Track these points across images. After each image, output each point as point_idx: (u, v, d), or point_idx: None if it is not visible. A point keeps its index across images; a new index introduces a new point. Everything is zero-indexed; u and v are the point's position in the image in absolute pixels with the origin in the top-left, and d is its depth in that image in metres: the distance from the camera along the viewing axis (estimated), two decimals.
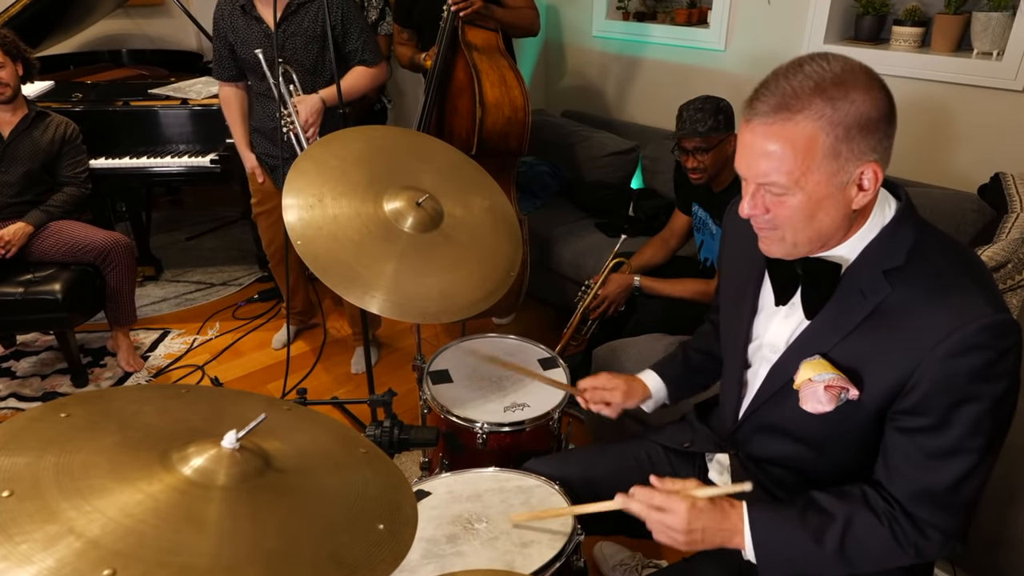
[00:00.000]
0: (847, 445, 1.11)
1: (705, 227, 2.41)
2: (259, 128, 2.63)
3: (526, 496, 1.39)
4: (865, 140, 0.96)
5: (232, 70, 2.55)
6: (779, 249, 1.08)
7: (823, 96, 0.95)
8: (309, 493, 0.88)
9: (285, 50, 2.40)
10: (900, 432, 1.03)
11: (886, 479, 1.06)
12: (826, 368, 1.06)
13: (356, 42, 2.46)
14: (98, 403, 0.92)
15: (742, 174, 1.04)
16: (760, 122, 0.98)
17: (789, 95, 0.96)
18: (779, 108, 0.96)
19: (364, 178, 1.65)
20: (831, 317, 1.08)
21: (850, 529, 1.06)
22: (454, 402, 1.71)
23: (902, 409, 1.02)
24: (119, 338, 2.97)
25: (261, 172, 2.68)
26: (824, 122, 0.95)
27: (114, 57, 4.07)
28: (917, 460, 1.02)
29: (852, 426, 1.08)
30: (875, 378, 1.03)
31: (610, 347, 2.24)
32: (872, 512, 1.06)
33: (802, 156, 0.96)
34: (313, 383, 2.92)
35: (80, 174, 2.89)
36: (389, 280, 1.51)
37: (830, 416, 1.07)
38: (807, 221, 1.01)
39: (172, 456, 0.83)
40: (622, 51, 3.68)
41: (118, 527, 0.72)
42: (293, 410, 1.07)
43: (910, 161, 2.60)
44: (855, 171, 0.98)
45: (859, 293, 1.05)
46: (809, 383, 1.07)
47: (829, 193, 0.99)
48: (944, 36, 2.52)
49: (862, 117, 0.95)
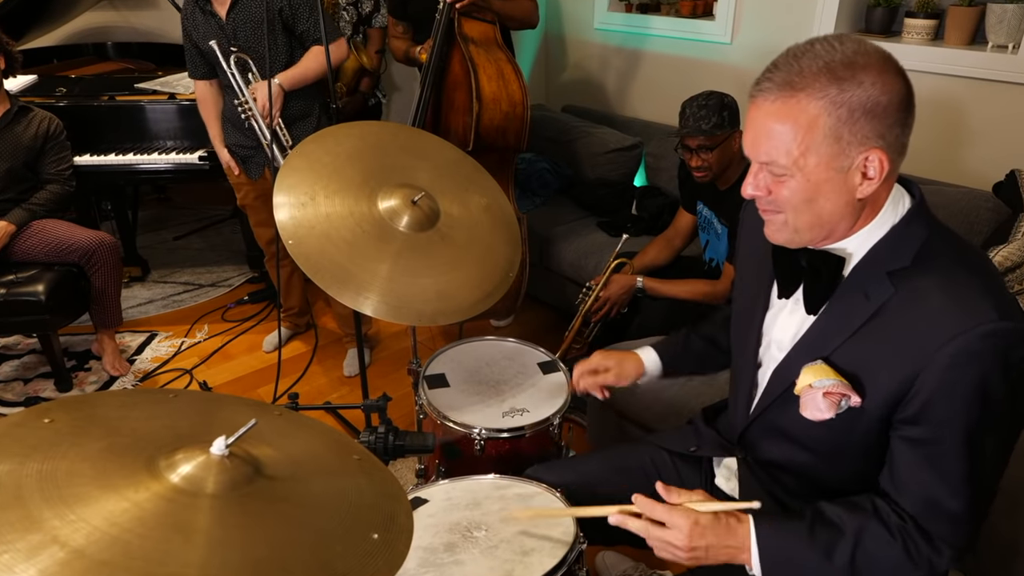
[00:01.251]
0: (856, 452, 1.11)
1: (710, 226, 2.41)
2: (229, 119, 2.70)
3: (526, 504, 1.39)
4: (871, 125, 0.96)
5: (203, 67, 2.63)
6: (782, 235, 1.08)
7: (830, 76, 0.95)
8: (301, 501, 0.88)
9: (238, 39, 2.48)
10: (905, 442, 1.03)
11: (894, 491, 1.06)
12: (827, 374, 1.06)
13: (307, 22, 2.51)
14: (83, 408, 0.92)
15: (746, 153, 1.05)
16: (763, 99, 1.00)
17: (795, 73, 0.97)
18: (784, 86, 0.97)
19: (358, 175, 1.65)
20: (835, 317, 1.08)
21: (861, 544, 1.05)
22: (451, 407, 1.71)
23: (905, 418, 1.02)
24: (104, 341, 2.97)
25: (235, 164, 2.75)
26: (827, 101, 0.95)
27: (99, 50, 4.07)
28: (924, 472, 1.02)
29: (857, 433, 1.08)
30: (877, 384, 1.03)
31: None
32: (884, 526, 1.05)
33: (802, 135, 0.97)
34: (305, 387, 2.92)
35: (64, 171, 2.89)
36: (384, 281, 1.51)
37: (833, 423, 1.06)
38: (807, 204, 1.02)
39: (159, 463, 0.83)
40: (625, 44, 3.69)
41: (103, 536, 0.72)
42: (284, 415, 1.07)
43: (922, 158, 2.60)
44: (858, 156, 0.98)
45: (862, 293, 1.05)
46: (809, 389, 1.07)
47: (828, 177, 0.99)
48: (958, 28, 2.53)
49: (869, 100, 0.95)
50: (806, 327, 1.13)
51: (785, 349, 1.17)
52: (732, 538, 1.10)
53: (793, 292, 1.14)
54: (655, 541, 1.13)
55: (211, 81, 2.67)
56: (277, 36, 2.50)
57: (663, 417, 2.02)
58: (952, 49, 2.52)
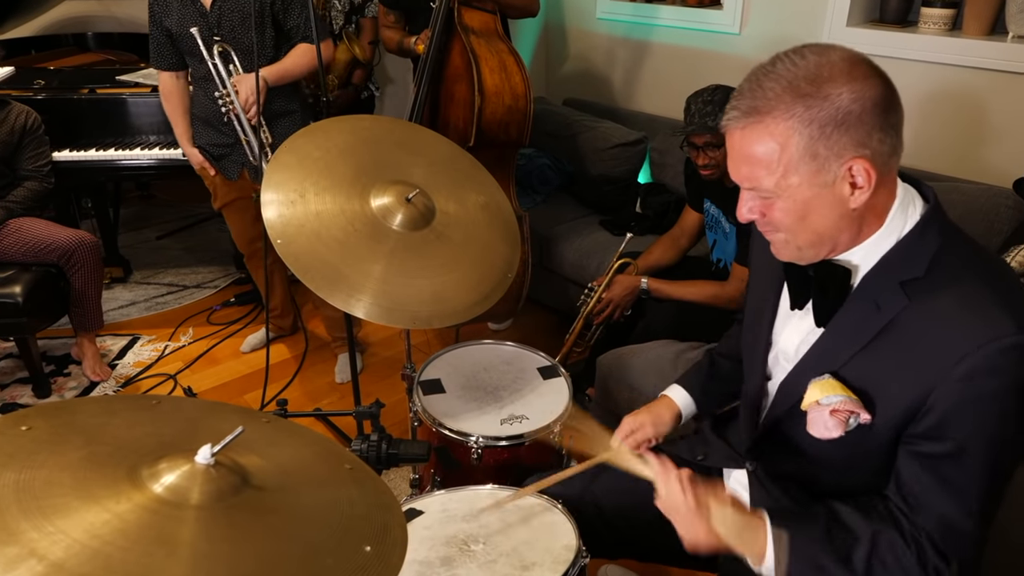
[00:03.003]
0: (867, 467, 1.12)
1: (718, 225, 2.41)
2: (201, 116, 2.65)
3: (526, 515, 1.39)
4: (847, 136, 0.96)
5: (171, 57, 2.59)
6: (787, 253, 1.10)
7: (794, 94, 0.96)
8: (290, 512, 0.88)
9: (222, 28, 2.46)
10: (915, 456, 1.04)
11: (905, 505, 1.06)
12: (835, 390, 1.06)
13: (298, 18, 2.51)
14: (62, 415, 0.92)
15: (732, 179, 1.07)
16: (733, 127, 1.02)
17: (759, 97, 0.99)
18: (750, 112, 1.00)
19: (349, 172, 1.65)
20: (844, 329, 1.08)
21: (876, 550, 1.06)
22: (447, 414, 1.71)
23: (917, 433, 1.02)
24: (84, 345, 2.97)
25: (209, 165, 2.71)
26: (795, 121, 0.97)
27: (79, 41, 4.07)
28: (935, 488, 1.02)
29: (867, 449, 1.08)
30: (889, 399, 1.03)
31: (616, 355, 2.24)
32: (898, 532, 1.06)
33: (777, 157, 0.99)
34: (294, 393, 2.92)
35: (42, 167, 2.89)
36: (376, 282, 1.51)
37: (842, 440, 1.07)
38: (800, 223, 1.04)
39: (142, 473, 0.83)
40: (629, 34, 3.69)
41: (83, 549, 0.72)
42: (273, 423, 1.07)
43: (939, 154, 2.60)
44: (840, 169, 0.98)
45: (873, 304, 1.05)
46: (816, 406, 1.08)
47: (815, 193, 1.00)
48: (977, 18, 2.53)
49: (839, 112, 0.95)
50: (814, 339, 1.13)
51: (792, 360, 1.17)
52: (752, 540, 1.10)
53: (805, 303, 1.15)
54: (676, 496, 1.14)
55: (178, 73, 2.63)
56: (265, 29, 2.49)
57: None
58: (971, 40, 2.52)
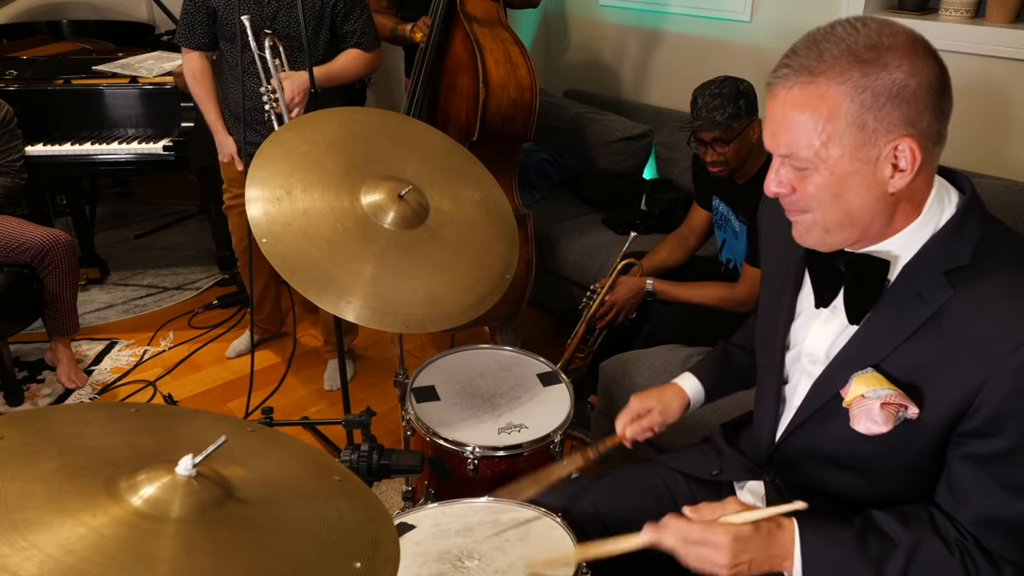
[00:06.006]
0: (905, 469, 1.11)
1: (727, 224, 2.42)
2: (232, 110, 2.64)
3: (524, 531, 1.39)
4: (899, 110, 0.96)
5: (204, 36, 2.56)
6: (811, 237, 1.09)
7: (852, 58, 0.96)
8: (276, 527, 0.88)
9: (276, 21, 2.45)
10: (968, 460, 1.04)
11: (954, 508, 1.06)
12: (882, 383, 1.06)
13: (356, 23, 2.56)
14: (35, 424, 0.92)
15: (766, 146, 1.06)
16: (781, 86, 1.01)
17: (815, 57, 0.98)
18: (802, 71, 0.99)
19: (339, 167, 1.65)
20: (883, 323, 1.08)
21: (915, 559, 1.06)
22: (441, 423, 1.71)
23: (969, 431, 1.02)
24: (59, 350, 2.97)
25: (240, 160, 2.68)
26: (849, 86, 0.96)
27: (53, 29, 4.07)
28: (990, 490, 1.02)
29: (910, 450, 1.08)
30: (937, 394, 1.03)
31: (619, 360, 2.25)
32: (941, 540, 1.06)
33: (823, 123, 0.98)
34: (280, 401, 2.92)
35: (14, 162, 2.89)
36: (367, 283, 1.51)
37: (885, 439, 1.06)
38: (834, 200, 1.03)
39: (120, 485, 0.83)
40: (633, 22, 3.69)
41: (58, 565, 0.72)
42: (257, 432, 1.07)
43: (960, 148, 2.60)
44: (886, 146, 0.98)
45: (916, 295, 1.05)
46: (862, 400, 1.07)
47: (855, 169, 1.00)
48: (1001, 4, 2.53)
49: (896, 84, 0.95)
50: (848, 336, 1.13)
51: (822, 362, 1.17)
52: (774, 547, 1.11)
53: (832, 300, 1.14)
54: (693, 559, 1.12)
55: (205, 53, 2.62)
56: (321, 30, 2.53)
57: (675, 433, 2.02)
58: (995, 28, 2.53)
